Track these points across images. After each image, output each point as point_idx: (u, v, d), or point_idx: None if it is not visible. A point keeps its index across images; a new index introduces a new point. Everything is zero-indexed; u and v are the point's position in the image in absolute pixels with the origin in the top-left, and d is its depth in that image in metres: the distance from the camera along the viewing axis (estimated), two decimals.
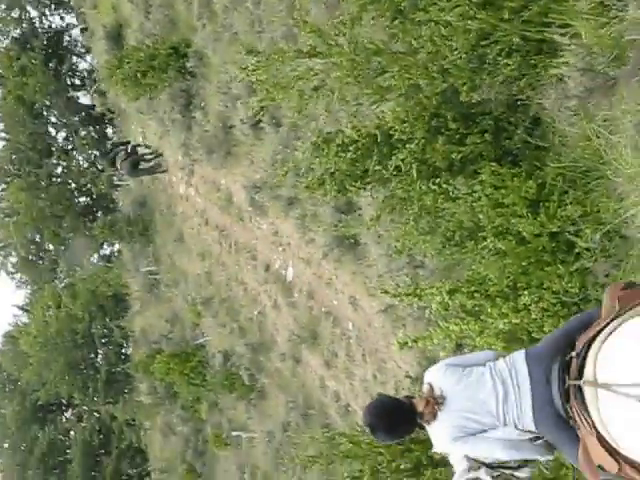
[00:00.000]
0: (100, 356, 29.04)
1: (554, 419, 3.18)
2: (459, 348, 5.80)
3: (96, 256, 32.57)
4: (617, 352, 2.83)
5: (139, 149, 18.88)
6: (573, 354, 3.08)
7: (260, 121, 11.71)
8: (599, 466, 2.91)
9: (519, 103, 5.77)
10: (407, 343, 5.38)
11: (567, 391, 3.06)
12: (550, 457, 3.46)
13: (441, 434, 3.52)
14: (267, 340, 14.65)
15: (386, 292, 5.54)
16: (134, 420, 25.79)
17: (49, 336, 27.15)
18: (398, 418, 3.59)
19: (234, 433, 16.88)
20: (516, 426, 3.36)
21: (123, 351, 28.14)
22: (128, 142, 18.94)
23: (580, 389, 2.97)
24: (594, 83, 4.72)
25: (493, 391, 3.40)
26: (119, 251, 28.30)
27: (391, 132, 6.15)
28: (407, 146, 5.97)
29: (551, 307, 5.08)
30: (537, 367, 3.29)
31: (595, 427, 2.87)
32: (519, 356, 3.44)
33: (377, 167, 6.34)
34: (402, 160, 6.02)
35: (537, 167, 5.58)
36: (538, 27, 5.15)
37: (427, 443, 4.10)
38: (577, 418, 2.98)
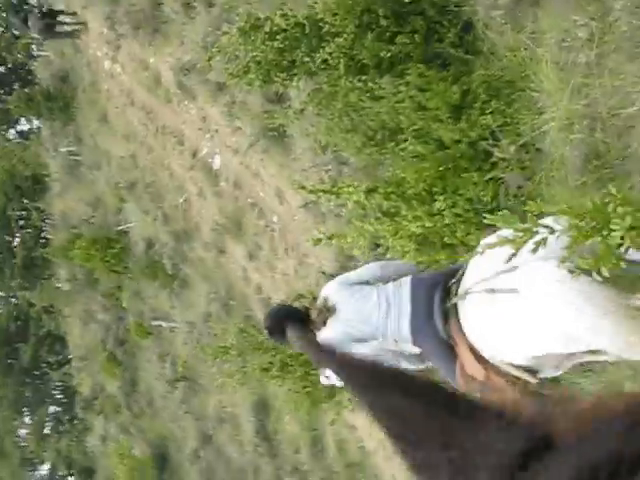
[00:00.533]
0: (17, 239, 28.81)
1: (432, 332, 3.60)
2: (374, 248, 6.12)
3: (12, 132, 31.83)
4: (473, 266, 3.22)
5: (60, 16, 18.46)
6: (453, 280, 3.47)
7: None
8: (471, 377, 3.30)
9: (453, 7, 5.93)
10: (321, 240, 5.66)
11: (446, 313, 3.47)
12: (421, 367, 3.97)
13: (327, 338, 3.95)
14: (191, 229, 14.86)
15: (302, 188, 5.76)
16: (52, 307, 25.93)
17: None
18: (293, 323, 3.99)
19: (155, 322, 17.26)
20: (395, 340, 3.83)
21: (42, 235, 27.96)
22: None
23: (456, 308, 3.36)
24: None
25: (377, 306, 3.87)
26: (38, 128, 27.70)
27: (321, 24, 6.26)
28: (336, 40, 6.11)
29: (464, 213, 5.41)
30: (420, 290, 3.76)
31: (465, 337, 3.25)
32: (405, 279, 3.92)
33: (305, 59, 6.46)
34: (330, 54, 6.16)
35: (464, 73, 5.79)
36: None
37: None
38: (454, 335, 3.37)
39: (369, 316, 3.88)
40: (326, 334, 3.98)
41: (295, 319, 4.06)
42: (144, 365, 19.45)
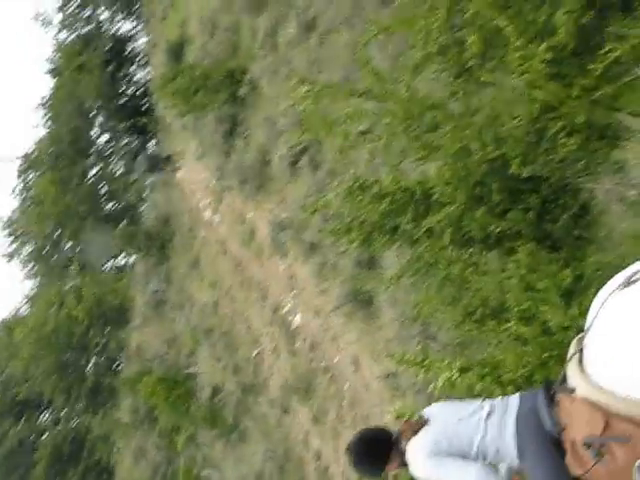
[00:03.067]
0: (91, 364, 28.63)
1: (536, 429, 3.11)
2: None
3: (110, 263, 32.43)
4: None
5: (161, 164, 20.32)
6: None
7: (299, 160, 11.51)
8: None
9: (570, 187, 5.47)
10: (405, 415, 4.99)
11: (552, 397, 2.91)
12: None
13: (417, 448, 3.56)
14: (259, 383, 14.22)
15: (392, 356, 5.17)
16: (109, 437, 25.25)
17: (45, 333, 26.84)
18: (377, 451, 3.74)
19: (205, 471, 16.36)
20: (489, 460, 3.43)
21: (115, 364, 27.72)
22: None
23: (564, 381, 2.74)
24: None
25: (477, 424, 3.47)
26: (133, 264, 28.13)
27: (431, 191, 5.88)
28: (445, 209, 5.68)
29: None
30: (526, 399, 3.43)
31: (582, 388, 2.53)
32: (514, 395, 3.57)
33: (408, 225, 6.05)
34: (437, 222, 5.73)
35: (577, 257, 5.24)
36: (607, 111, 4.88)
37: None
38: (562, 403, 2.70)
39: (467, 433, 3.45)
40: (415, 445, 3.57)
41: (380, 443, 3.73)
42: None
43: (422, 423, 3.62)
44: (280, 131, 12.49)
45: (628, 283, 2.52)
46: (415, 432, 3.62)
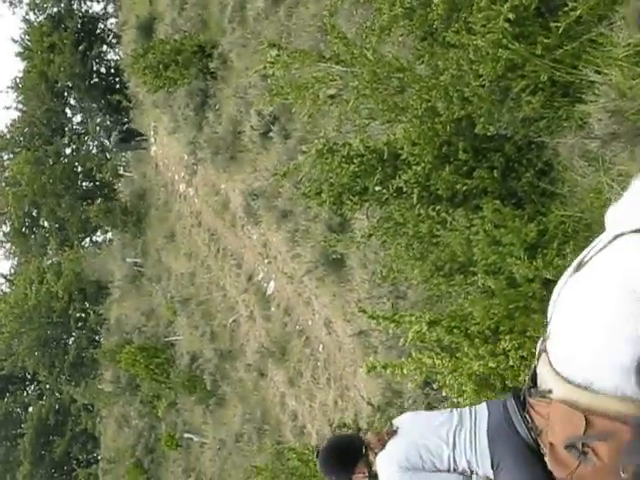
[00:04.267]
0: (72, 338, 28.43)
1: (509, 438, 3.02)
2: (427, 385, 5.39)
3: (87, 240, 32.12)
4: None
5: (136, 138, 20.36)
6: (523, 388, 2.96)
7: (270, 130, 11.39)
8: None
9: (534, 145, 5.44)
10: (375, 368, 4.97)
11: (523, 403, 2.87)
12: None
13: (387, 460, 3.41)
14: (236, 349, 14.20)
15: (364, 311, 5.13)
16: (92, 406, 25.15)
17: (26, 309, 26.56)
18: (345, 460, 3.59)
19: (186, 435, 16.33)
20: (468, 461, 3.26)
21: (95, 337, 27.55)
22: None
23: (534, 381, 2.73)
24: (619, 129, 4.38)
25: (446, 436, 3.32)
26: (110, 240, 27.89)
27: (399, 152, 5.82)
28: (413, 169, 5.63)
29: (530, 356, 4.69)
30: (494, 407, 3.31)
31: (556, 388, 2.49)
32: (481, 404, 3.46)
33: (378, 187, 5.99)
34: (405, 182, 5.67)
35: (541, 212, 5.23)
36: (570, 69, 4.83)
37: None
38: (539, 409, 2.66)
39: (439, 446, 3.28)
40: (384, 458, 3.43)
41: (349, 452, 3.57)
42: (168, 477, 18.36)
43: (391, 433, 3.49)
44: (251, 102, 12.33)
45: (578, 266, 2.47)
46: (384, 443, 3.49)
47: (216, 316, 15.64)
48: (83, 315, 27.60)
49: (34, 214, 30.63)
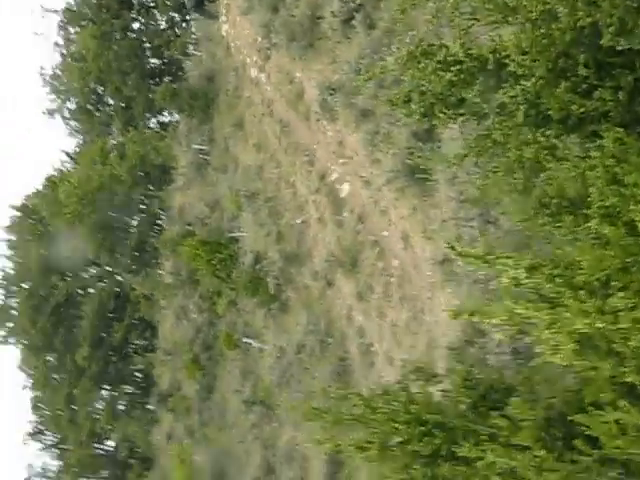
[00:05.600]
0: (134, 223, 28.76)
1: None
2: (518, 338, 4.98)
3: (153, 121, 32.02)
4: None
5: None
6: None
7: (352, 17, 10.72)
8: None
9: None
10: (462, 314, 4.58)
11: None
12: None
13: None
14: (303, 253, 13.99)
15: (452, 248, 4.71)
16: (152, 295, 25.59)
17: (88, 191, 26.84)
18: None
19: (246, 339, 16.45)
20: None
21: (157, 224, 27.81)
22: None
23: None
24: None
25: None
26: (176, 122, 27.69)
27: (505, 62, 5.23)
28: (521, 83, 5.06)
29: None
30: None
31: None
32: None
33: (477, 99, 5.45)
34: (511, 97, 5.12)
35: None
36: None
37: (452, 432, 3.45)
38: None
39: None
40: None
41: None
42: (225, 376, 18.67)
43: None
44: None
45: None
46: None
47: (284, 215, 15.40)
48: (146, 200, 27.78)
49: (99, 91, 30.56)
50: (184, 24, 27.67)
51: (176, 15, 29.33)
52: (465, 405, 4.85)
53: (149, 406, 26.33)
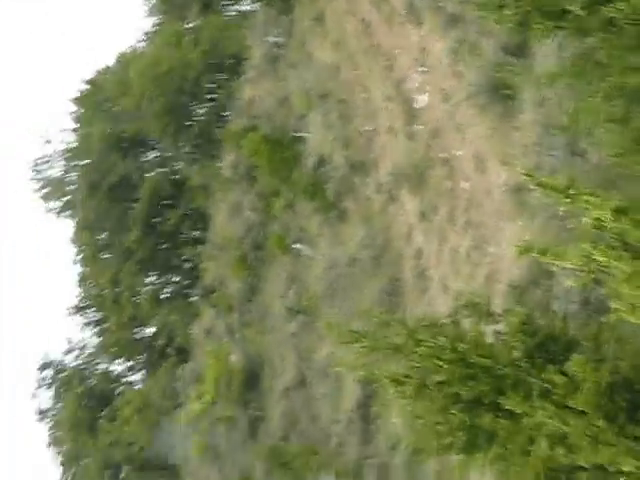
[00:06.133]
0: (200, 111, 28.57)
1: None
2: (595, 287, 4.55)
3: (234, 7, 31.41)
4: None
5: None
6: None
7: None
8: None
9: None
10: (531, 251, 4.17)
11: None
12: None
13: None
14: (369, 162, 13.58)
15: (529, 176, 4.25)
16: (208, 187, 25.59)
17: (159, 72, 26.66)
18: None
19: (297, 245, 16.27)
20: None
21: (224, 114, 27.57)
22: None
23: None
24: None
25: None
26: (254, 12, 27.04)
27: None
28: None
29: None
30: None
31: None
32: None
33: (582, 12, 4.88)
34: (620, 11, 4.56)
35: None
36: None
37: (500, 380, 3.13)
38: None
39: None
40: None
41: None
42: (271, 278, 18.62)
43: None
44: None
45: None
46: None
47: (354, 120, 14.96)
48: (215, 89, 27.49)
49: None
50: None
51: None
52: (519, 352, 4.50)
53: (192, 298, 26.70)
